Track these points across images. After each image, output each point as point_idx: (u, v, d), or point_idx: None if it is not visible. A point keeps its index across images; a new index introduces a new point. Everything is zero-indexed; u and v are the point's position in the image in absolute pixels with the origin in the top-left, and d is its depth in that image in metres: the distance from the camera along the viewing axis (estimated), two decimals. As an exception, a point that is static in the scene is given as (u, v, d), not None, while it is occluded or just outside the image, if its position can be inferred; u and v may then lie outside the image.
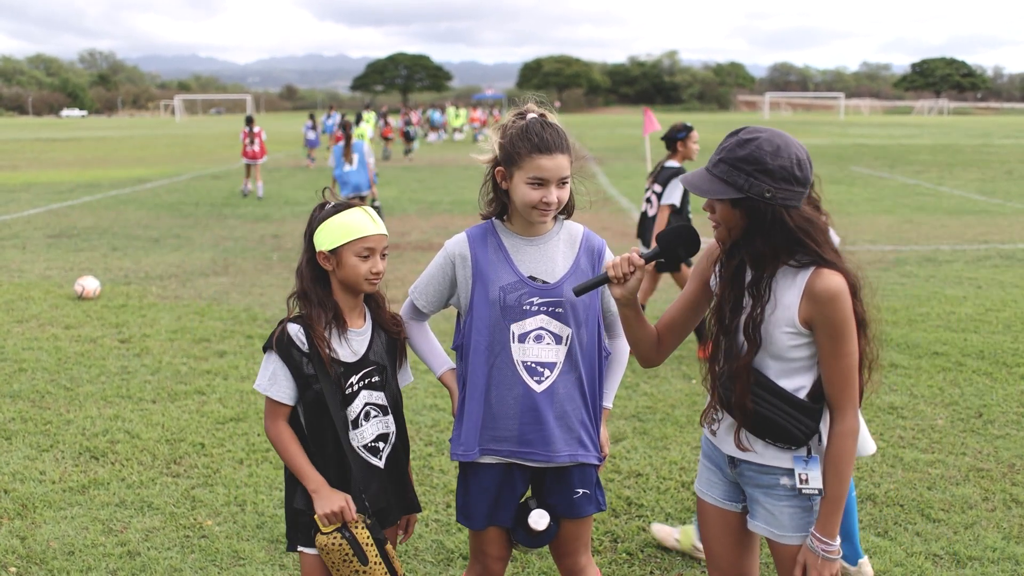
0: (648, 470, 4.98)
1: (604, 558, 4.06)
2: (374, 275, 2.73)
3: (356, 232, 2.69)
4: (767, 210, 2.34)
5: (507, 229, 2.82)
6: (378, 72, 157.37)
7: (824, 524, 2.44)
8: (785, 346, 2.43)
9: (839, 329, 2.38)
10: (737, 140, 2.38)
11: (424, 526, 4.34)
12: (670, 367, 6.84)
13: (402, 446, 2.94)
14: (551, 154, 2.65)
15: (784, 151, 2.33)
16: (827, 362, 2.42)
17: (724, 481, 2.68)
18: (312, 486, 2.71)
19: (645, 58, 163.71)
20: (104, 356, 7.12)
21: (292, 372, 2.70)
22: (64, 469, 4.98)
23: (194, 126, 71.36)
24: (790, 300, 2.41)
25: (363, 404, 2.78)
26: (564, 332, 2.77)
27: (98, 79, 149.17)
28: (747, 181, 2.33)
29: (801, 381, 2.46)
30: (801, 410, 2.44)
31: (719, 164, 2.38)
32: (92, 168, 27.52)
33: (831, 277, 2.37)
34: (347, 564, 2.67)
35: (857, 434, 2.44)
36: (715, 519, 2.73)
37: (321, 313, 2.73)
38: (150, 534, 4.24)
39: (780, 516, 2.53)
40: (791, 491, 2.50)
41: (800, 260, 2.41)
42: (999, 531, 4.26)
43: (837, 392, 2.43)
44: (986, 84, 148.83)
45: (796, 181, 2.34)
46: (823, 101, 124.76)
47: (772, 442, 2.48)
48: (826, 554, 2.43)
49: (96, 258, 11.71)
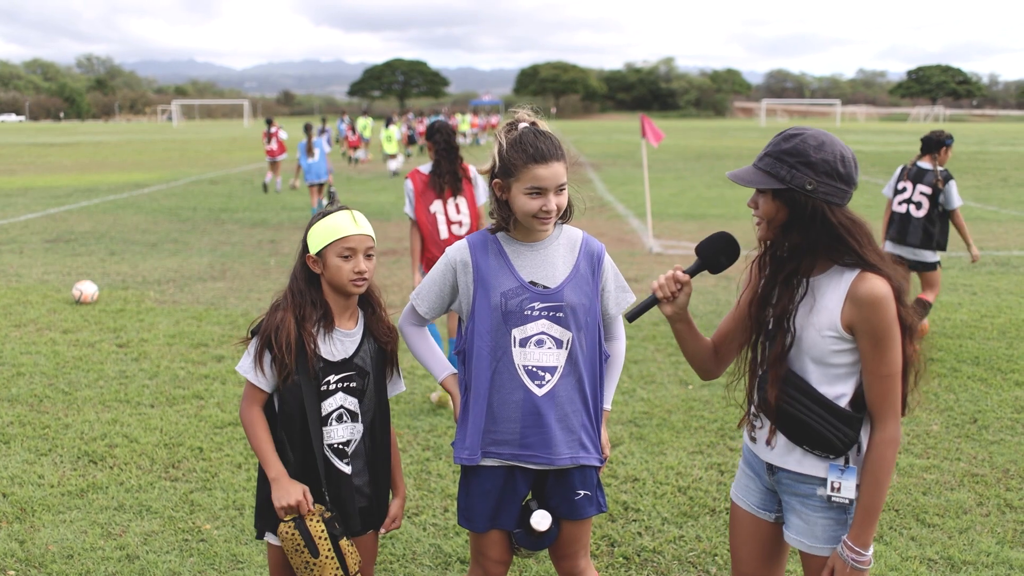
0: (645, 475, 5.00)
1: (601, 562, 4.08)
2: (357, 275, 2.76)
3: (337, 233, 2.75)
4: (807, 203, 2.35)
5: (507, 235, 2.85)
6: (375, 78, 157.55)
7: (858, 533, 2.40)
8: (827, 351, 2.40)
9: (882, 335, 2.33)
10: (783, 136, 2.42)
11: (422, 530, 4.36)
12: (666, 372, 6.87)
13: (379, 457, 2.93)
14: (547, 163, 2.68)
15: (828, 147, 2.36)
16: (869, 369, 2.37)
17: (761, 489, 2.67)
18: (272, 474, 2.75)
19: (642, 64, 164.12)
20: (102, 360, 7.14)
21: (274, 360, 2.75)
22: (63, 473, 4.99)
23: (191, 131, 71.36)
24: (833, 303, 2.38)
25: (337, 405, 2.82)
26: (565, 336, 2.80)
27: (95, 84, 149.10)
28: (789, 172, 2.35)
29: (842, 388, 2.42)
30: (841, 418, 2.39)
31: (764, 158, 2.42)
32: (90, 173, 27.53)
33: (875, 281, 2.33)
34: (298, 554, 2.70)
35: (898, 444, 2.40)
36: (747, 525, 2.72)
37: (312, 311, 2.79)
38: (149, 538, 4.25)
39: (814, 527, 2.50)
40: (827, 502, 2.47)
41: (845, 262, 2.39)
42: (993, 536, 4.29)
43: (879, 400, 2.38)
44: (982, 91, 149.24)
45: (839, 177, 2.35)
46: (819, 108, 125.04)
47: (810, 450, 2.44)
48: (857, 564, 2.39)
49: (94, 263, 11.73)
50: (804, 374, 2.45)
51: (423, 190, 5.87)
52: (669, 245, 13.41)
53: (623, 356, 3.02)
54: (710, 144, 45.70)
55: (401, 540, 4.25)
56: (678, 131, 62.75)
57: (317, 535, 2.71)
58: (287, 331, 2.74)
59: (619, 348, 3.00)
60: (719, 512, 4.54)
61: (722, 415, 5.94)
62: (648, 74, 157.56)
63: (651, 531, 4.37)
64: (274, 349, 2.74)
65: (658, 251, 12.82)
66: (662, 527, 4.40)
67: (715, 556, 4.12)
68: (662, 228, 15.06)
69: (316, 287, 2.83)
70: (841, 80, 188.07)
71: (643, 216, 14.83)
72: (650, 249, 12.90)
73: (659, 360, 7.23)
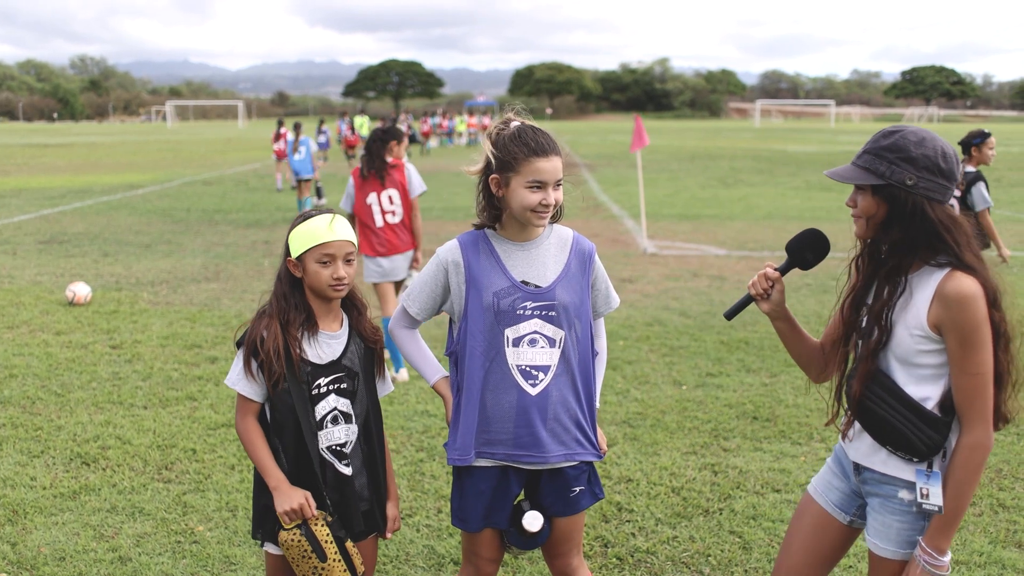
0: (638, 475, 5.00)
1: (594, 563, 4.08)
2: (336, 280, 2.75)
3: (315, 239, 2.74)
4: (908, 199, 2.33)
5: (498, 235, 2.85)
6: (370, 78, 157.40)
7: (935, 537, 2.36)
8: (913, 350, 2.37)
9: (969, 336, 2.29)
10: (882, 132, 2.41)
11: (415, 531, 4.35)
12: (660, 373, 6.88)
13: (376, 458, 2.93)
14: (548, 156, 2.71)
15: (929, 142, 2.34)
16: (956, 371, 2.33)
17: (844, 489, 2.64)
18: (273, 483, 2.74)
19: (636, 65, 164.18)
20: (95, 362, 7.12)
21: (261, 367, 2.75)
22: (55, 475, 4.98)
23: (186, 132, 71.25)
24: (921, 301, 2.35)
25: (331, 407, 2.81)
26: (558, 335, 2.81)
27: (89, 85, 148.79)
28: (889, 168, 2.34)
29: (928, 391, 2.38)
30: (926, 420, 2.35)
31: (864, 155, 2.41)
32: (83, 174, 27.47)
33: (963, 280, 2.30)
34: (306, 560, 2.69)
35: (987, 450, 2.34)
36: (815, 518, 2.69)
37: (296, 315, 2.78)
38: (141, 540, 4.24)
39: (889, 529, 2.47)
40: (907, 505, 2.43)
41: (939, 261, 2.36)
42: (986, 535, 4.30)
43: (966, 404, 2.33)
44: (975, 92, 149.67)
45: (940, 173, 2.33)
46: (814, 108, 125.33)
47: (894, 451, 2.41)
48: (933, 568, 2.35)
49: (87, 264, 11.70)
50: (890, 373, 2.43)
51: (360, 184, 6.70)
52: (664, 246, 13.42)
53: (605, 351, 3.06)
54: (704, 145, 45.75)
55: (395, 542, 4.24)
56: (673, 132, 62.80)
57: (323, 539, 2.70)
58: (272, 337, 2.73)
59: (603, 345, 3.04)
60: (713, 513, 4.55)
61: (716, 416, 5.94)
62: (643, 75, 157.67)
63: (645, 532, 4.37)
64: (260, 356, 2.73)
65: (652, 252, 12.82)
66: (656, 528, 4.40)
67: (708, 556, 4.12)
68: (656, 229, 15.07)
69: (299, 290, 2.82)
70: (836, 81, 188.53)
71: (637, 217, 14.84)
72: (644, 250, 12.91)
73: (653, 361, 7.23)
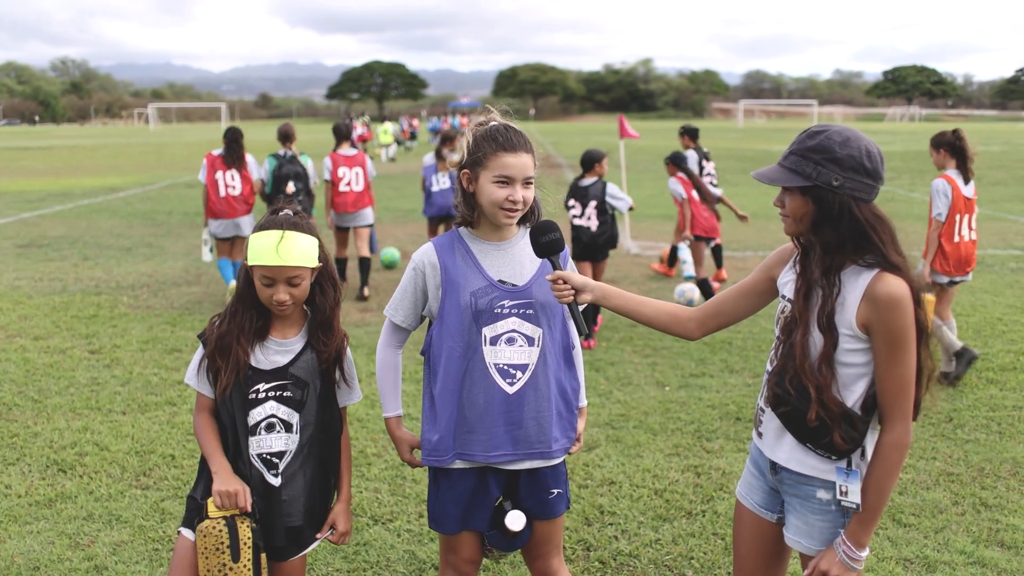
0: (621, 478, 4.98)
1: (576, 567, 4.05)
2: (277, 304, 2.70)
3: (257, 259, 2.68)
4: (835, 200, 2.33)
5: (473, 236, 2.83)
6: (353, 80, 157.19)
7: (855, 532, 2.39)
8: (840, 349, 2.37)
9: (898, 337, 2.31)
10: (807, 133, 2.41)
11: (396, 536, 4.31)
12: (643, 374, 6.86)
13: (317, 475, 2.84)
14: (516, 152, 2.69)
15: (854, 142, 2.34)
16: (883, 370, 2.35)
17: (764, 488, 2.65)
18: (215, 468, 2.70)
19: (620, 66, 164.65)
20: (73, 367, 7.04)
21: (208, 368, 2.74)
22: (31, 483, 4.90)
23: (168, 134, 70.86)
24: (850, 301, 2.36)
25: (267, 414, 2.75)
26: (536, 333, 2.79)
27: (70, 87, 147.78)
28: (815, 169, 2.34)
29: (852, 389, 2.39)
30: (847, 419, 2.36)
31: (790, 156, 2.40)
32: (64, 177, 27.26)
33: (894, 282, 2.31)
34: (217, 554, 2.61)
35: (906, 448, 2.37)
36: (749, 525, 2.70)
37: (247, 318, 2.74)
38: (118, 548, 4.18)
39: (813, 528, 2.48)
40: (826, 504, 2.45)
41: (867, 261, 2.37)
42: (969, 535, 4.29)
43: (890, 402, 2.36)
44: (956, 91, 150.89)
45: (865, 172, 2.33)
46: (796, 108, 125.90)
47: (813, 448, 2.42)
48: (850, 561, 2.38)
49: (67, 268, 11.59)
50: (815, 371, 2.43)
51: (213, 162, 9.40)
52: (647, 246, 13.42)
53: (580, 349, 3.03)
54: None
55: (375, 547, 4.20)
56: (656, 132, 62.92)
57: (243, 540, 2.63)
58: (219, 338, 2.72)
59: (577, 341, 3.01)
60: (696, 515, 4.52)
61: (699, 417, 5.93)
62: (626, 75, 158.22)
63: (627, 534, 4.34)
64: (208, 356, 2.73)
65: (636, 252, 12.82)
66: (638, 530, 4.37)
67: (691, 559, 4.09)
68: (640, 229, 15.07)
69: (256, 293, 2.77)
70: (818, 81, 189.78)
71: (621, 217, 14.84)
72: (628, 250, 12.90)
73: (636, 362, 7.21)
